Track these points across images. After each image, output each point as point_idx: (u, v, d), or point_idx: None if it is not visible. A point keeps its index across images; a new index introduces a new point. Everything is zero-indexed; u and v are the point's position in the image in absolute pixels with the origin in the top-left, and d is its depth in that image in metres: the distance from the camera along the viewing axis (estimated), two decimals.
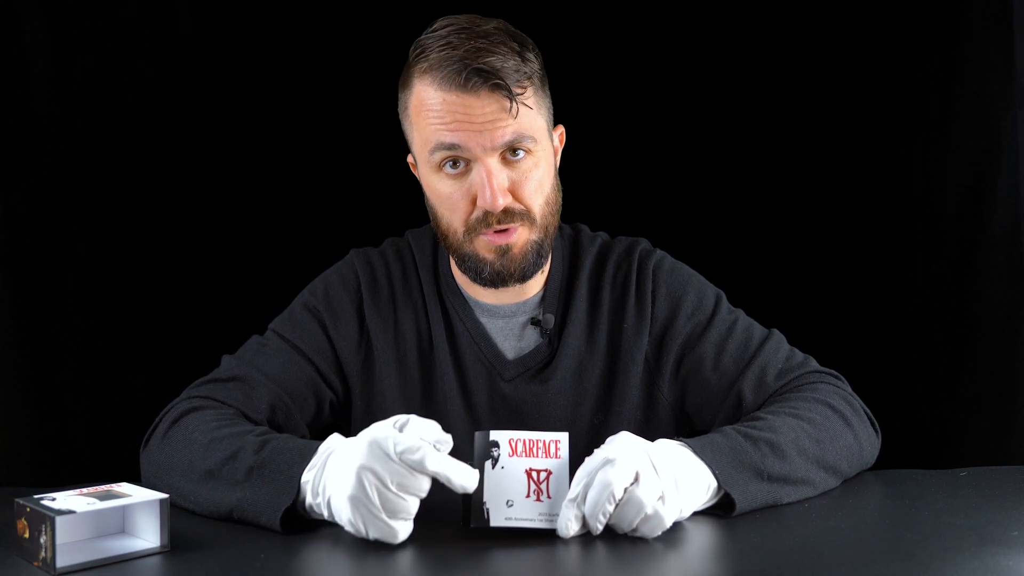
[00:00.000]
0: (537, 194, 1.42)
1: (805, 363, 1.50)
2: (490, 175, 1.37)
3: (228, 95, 2.19)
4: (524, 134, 1.38)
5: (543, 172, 1.42)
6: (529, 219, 1.41)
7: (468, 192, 1.40)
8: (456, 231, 1.43)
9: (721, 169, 2.23)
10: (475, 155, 1.37)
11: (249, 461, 1.25)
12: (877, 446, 1.47)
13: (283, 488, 1.20)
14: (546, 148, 1.44)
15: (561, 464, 1.18)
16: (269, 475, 1.22)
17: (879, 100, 2.14)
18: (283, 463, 1.23)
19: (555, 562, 1.10)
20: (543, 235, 1.44)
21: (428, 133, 1.39)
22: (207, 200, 2.19)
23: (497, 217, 1.39)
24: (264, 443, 1.26)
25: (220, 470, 1.26)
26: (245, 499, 1.23)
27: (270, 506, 1.20)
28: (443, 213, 1.44)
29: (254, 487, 1.23)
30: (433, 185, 1.43)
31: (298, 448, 1.24)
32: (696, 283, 1.57)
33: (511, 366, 1.53)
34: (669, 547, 1.14)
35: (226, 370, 1.49)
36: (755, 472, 1.26)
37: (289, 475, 1.21)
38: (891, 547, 1.12)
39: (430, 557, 1.12)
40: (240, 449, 1.27)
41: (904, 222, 2.12)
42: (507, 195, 1.38)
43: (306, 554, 1.15)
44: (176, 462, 1.32)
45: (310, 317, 1.54)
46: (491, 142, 1.36)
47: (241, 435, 1.30)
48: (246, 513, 1.23)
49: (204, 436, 1.31)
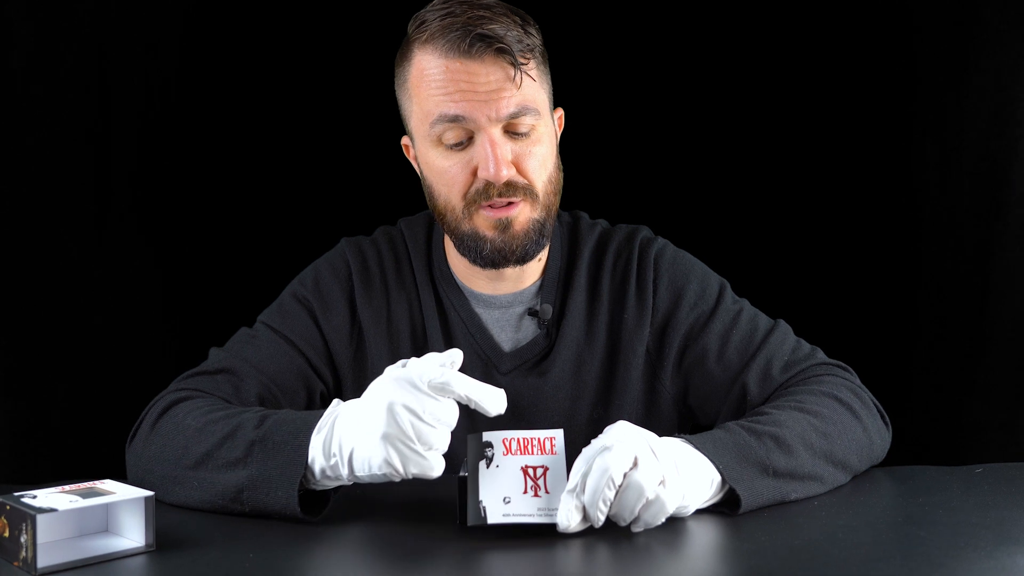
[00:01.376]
0: (540, 170, 1.42)
1: (812, 355, 1.50)
2: (494, 145, 1.37)
3: (217, 80, 2.18)
4: (528, 105, 1.39)
5: (546, 148, 1.43)
6: (532, 195, 1.42)
7: (468, 164, 1.40)
8: (455, 207, 1.43)
9: (726, 154, 2.22)
10: (479, 125, 1.37)
11: (250, 436, 1.23)
12: (888, 440, 1.47)
13: (292, 457, 1.19)
14: (548, 125, 1.45)
15: (557, 459, 1.18)
16: (274, 447, 1.21)
17: (892, 86, 2.14)
18: (287, 433, 1.21)
19: (555, 562, 1.09)
20: (545, 214, 1.44)
21: (429, 105, 1.39)
22: (194, 188, 2.18)
23: (499, 190, 1.39)
24: (264, 417, 1.26)
25: (218, 450, 1.25)
26: (252, 476, 1.21)
27: (282, 479, 1.19)
28: (441, 189, 1.44)
29: (259, 462, 1.21)
30: (431, 161, 1.43)
31: (301, 417, 1.23)
32: (699, 272, 1.57)
33: (507, 358, 1.53)
34: (672, 547, 1.14)
35: (214, 362, 1.48)
36: (760, 468, 1.25)
37: (296, 444, 1.20)
38: (904, 546, 1.11)
39: (427, 557, 1.11)
40: (238, 426, 1.26)
41: (918, 211, 2.12)
42: (511, 167, 1.39)
43: (298, 553, 1.13)
44: (168, 451, 1.30)
45: (300, 308, 1.54)
46: (495, 112, 1.37)
47: (237, 414, 1.29)
48: (258, 491, 1.21)
49: (197, 421, 1.30)
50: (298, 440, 1.20)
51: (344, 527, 1.20)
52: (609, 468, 1.12)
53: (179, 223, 2.17)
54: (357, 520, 1.21)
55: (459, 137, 1.39)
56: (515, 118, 1.39)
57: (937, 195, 2.10)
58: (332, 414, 1.20)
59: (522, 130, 1.40)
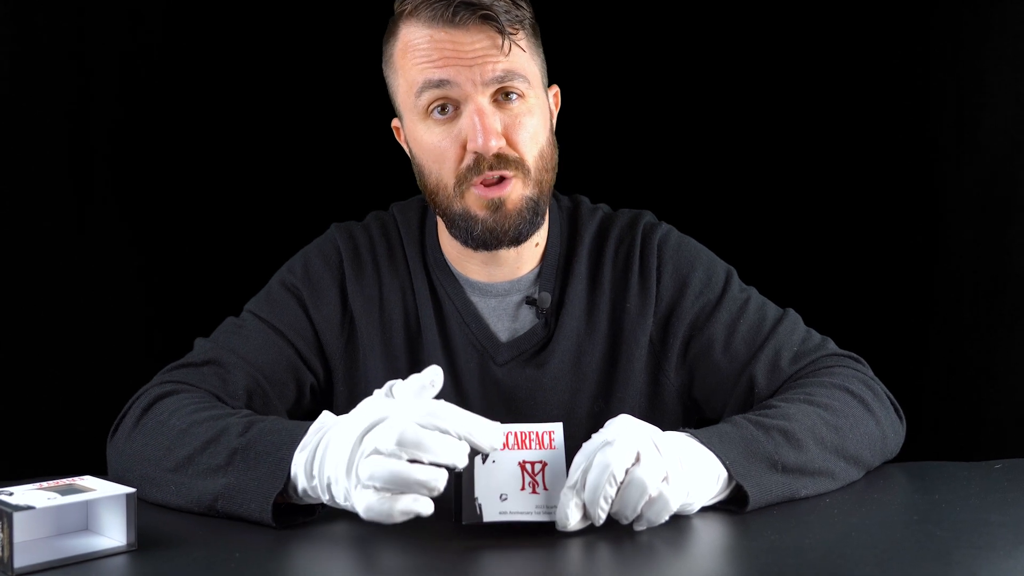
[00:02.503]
0: (531, 143, 1.42)
1: (822, 345, 1.50)
2: (482, 114, 1.37)
3: (201, 59, 2.18)
4: (516, 72, 1.39)
5: (537, 121, 1.43)
6: (523, 170, 1.41)
7: (457, 138, 1.40)
8: (446, 185, 1.43)
9: (733, 136, 2.22)
10: (465, 93, 1.38)
11: (232, 443, 1.22)
12: (902, 434, 1.46)
13: (272, 471, 1.18)
14: (540, 98, 1.45)
15: (556, 455, 1.17)
16: (255, 457, 1.20)
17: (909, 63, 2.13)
18: (270, 444, 1.20)
19: (555, 563, 1.09)
20: (538, 191, 1.44)
21: (414, 74, 1.40)
22: (178, 172, 2.17)
23: (489, 163, 1.39)
24: (250, 424, 1.25)
25: (200, 455, 1.24)
26: (230, 486, 1.20)
27: (259, 492, 1.18)
28: (431, 167, 1.44)
29: (239, 472, 1.20)
30: (420, 137, 1.43)
31: (287, 428, 1.22)
32: (705, 259, 1.57)
33: (504, 349, 1.52)
34: (676, 546, 1.13)
35: (200, 353, 1.48)
36: (769, 463, 1.25)
37: (278, 457, 1.18)
38: (919, 545, 1.11)
39: (421, 558, 1.10)
40: (223, 431, 1.24)
41: (934, 195, 2.12)
42: (500, 138, 1.39)
43: (285, 553, 1.13)
44: (150, 450, 1.30)
45: (288, 296, 1.53)
46: (481, 76, 1.37)
47: (223, 417, 1.28)
48: (232, 502, 1.20)
49: (182, 421, 1.29)
50: (280, 453, 1.18)
51: (334, 525, 1.20)
52: (610, 464, 1.11)
53: (163, 208, 2.17)
54: (348, 518, 1.19)
55: (446, 109, 1.40)
56: (503, 83, 1.39)
57: (954, 178, 2.10)
58: (319, 431, 1.18)
59: (512, 98, 1.40)
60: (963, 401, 2.06)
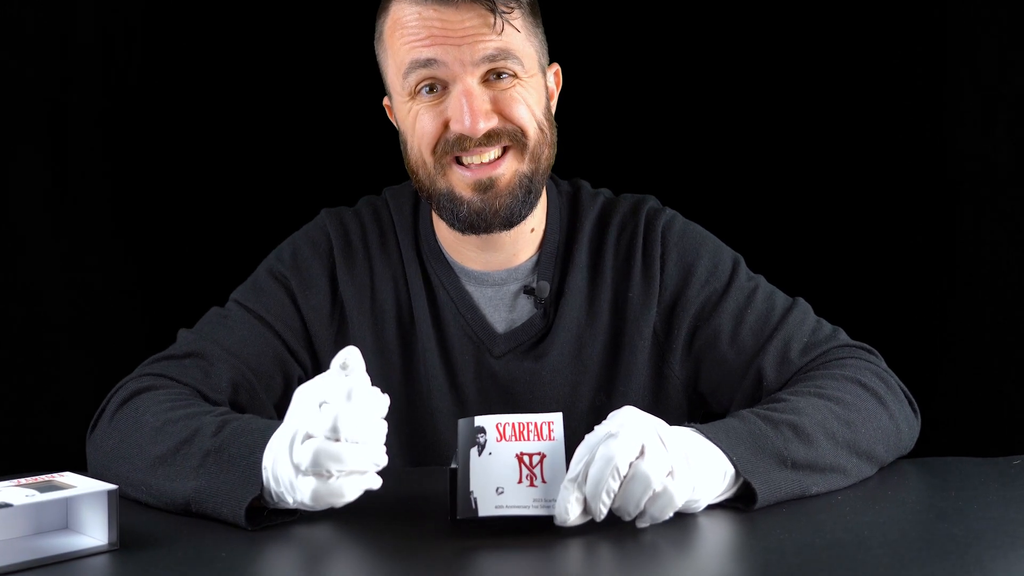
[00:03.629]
0: (528, 115, 1.42)
1: (834, 336, 1.49)
2: (470, 95, 1.38)
3: (187, 35, 2.18)
4: (509, 52, 1.39)
5: (533, 97, 1.43)
6: (519, 142, 1.42)
7: (441, 116, 1.41)
8: (425, 163, 1.43)
9: (739, 118, 2.21)
10: (453, 73, 1.38)
11: (206, 444, 1.22)
12: (917, 429, 1.46)
13: (245, 476, 1.18)
14: (537, 81, 1.45)
15: (555, 446, 1.16)
16: (228, 460, 1.20)
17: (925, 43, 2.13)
18: (244, 446, 1.20)
19: (555, 563, 1.08)
20: (533, 168, 1.44)
21: (402, 54, 1.40)
22: (162, 157, 2.17)
23: (476, 141, 1.39)
24: (223, 424, 1.24)
25: (173, 456, 1.24)
26: (202, 489, 1.20)
27: (232, 497, 1.18)
28: (413, 143, 1.45)
29: (211, 475, 1.20)
30: (406, 116, 1.44)
31: (260, 430, 1.21)
32: (711, 246, 1.57)
33: (501, 340, 1.52)
34: (681, 546, 1.13)
35: (182, 345, 1.47)
36: (777, 459, 1.24)
37: (251, 461, 1.18)
38: (936, 545, 1.10)
39: (414, 556, 1.10)
40: (196, 432, 1.24)
41: (952, 178, 2.11)
42: (490, 118, 1.39)
43: (273, 552, 1.12)
44: (124, 449, 1.30)
45: (276, 284, 1.53)
46: (470, 56, 1.37)
47: (197, 416, 1.28)
48: (205, 506, 1.20)
49: (156, 419, 1.29)
50: (254, 457, 1.18)
51: (325, 523, 1.19)
52: (614, 457, 1.10)
53: (146, 196, 2.17)
54: (338, 514, 1.19)
55: (435, 88, 1.39)
56: (494, 63, 1.38)
57: (974, 162, 2.09)
58: None
59: (503, 77, 1.40)
60: (981, 394, 2.07)
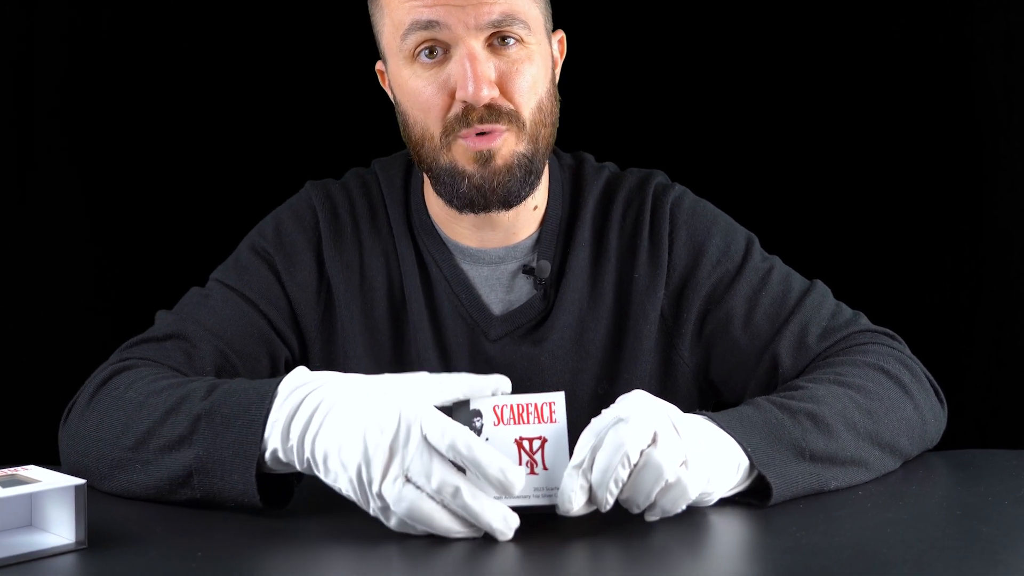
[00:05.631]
0: (529, 94, 1.41)
1: (854, 321, 1.49)
2: (473, 59, 1.36)
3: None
4: (515, 16, 1.38)
5: (538, 70, 1.42)
6: (517, 123, 1.41)
7: (445, 85, 1.39)
8: (432, 136, 1.42)
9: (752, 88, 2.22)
10: (456, 36, 1.37)
11: (195, 408, 1.20)
12: (943, 420, 1.45)
13: (244, 434, 1.15)
14: (543, 46, 1.44)
15: (558, 429, 1.15)
16: (223, 422, 1.17)
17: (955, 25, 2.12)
18: (237, 405, 1.17)
19: (560, 563, 1.07)
20: (533, 147, 1.43)
21: (401, 14, 1.39)
22: (133, 130, 2.16)
23: (479, 114, 1.38)
24: (213, 387, 1.23)
25: (161, 427, 1.22)
26: (201, 458, 1.18)
27: (236, 459, 1.15)
28: (416, 115, 1.43)
29: (206, 440, 1.18)
30: (405, 82, 1.42)
31: (254, 387, 1.19)
32: (723, 224, 1.56)
33: (498, 323, 1.52)
34: (693, 545, 1.12)
35: (162, 327, 1.47)
36: (795, 450, 1.23)
37: (248, 418, 1.16)
38: (963, 544, 1.09)
39: (406, 556, 1.09)
40: (184, 398, 1.22)
41: (980, 153, 2.12)
42: (493, 87, 1.38)
43: (256, 552, 1.11)
44: (105, 430, 1.27)
45: (259, 261, 1.53)
46: (475, 19, 1.36)
47: (186, 383, 1.26)
48: (209, 476, 1.17)
49: (139, 393, 1.27)
50: (250, 415, 1.16)
51: (312, 519, 1.19)
52: (624, 443, 1.09)
53: (118, 171, 2.16)
54: (327, 511, 1.19)
55: (435, 52, 1.39)
56: (499, 27, 1.38)
57: (1003, 136, 2.09)
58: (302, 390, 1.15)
59: (509, 44, 1.39)
60: (1011, 382, 2.08)
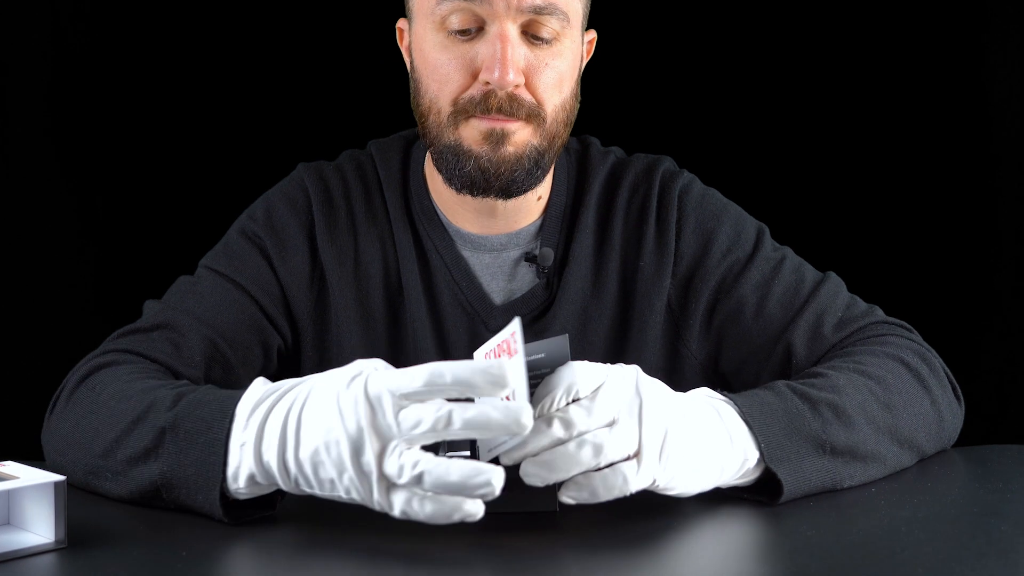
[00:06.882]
0: (554, 91, 1.41)
1: (870, 312, 1.49)
2: (505, 41, 1.36)
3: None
4: (557, 6, 1.38)
5: (567, 67, 1.42)
6: (537, 119, 1.40)
7: (471, 63, 1.39)
8: (440, 110, 1.41)
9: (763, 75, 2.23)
10: (495, 12, 1.36)
11: (160, 421, 1.17)
12: (960, 418, 1.44)
13: (207, 454, 1.12)
14: (575, 42, 1.44)
15: (516, 360, 1.03)
16: (186, 437, 1.14)
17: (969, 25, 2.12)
18: (199, 420, 1.14)
19: (559, 563, 1.07)
20: (547, 144, 1.43)
21: None
22: (121, 111, 2.16)
23: (499, 103, 1.37)
24: (179, 396, 1.19)
25: (127, 437, 1.20)
26: (166, 474, 1.16)
27: (200, 479, 1.13)
28: (430, 85, 1.42)
29: (171, 456, 1.15)
30: (426, 49, 1.42)
31: (217, 400, 1.15)
32: (733, 213, 1.57)
33: (499, 312, 1.52)
34: (699, 544, 1.11)
35: (150, 317, 1.46)
36: (815, 444, 1.21)
37: (210, 437, 1.12)
38: (981, 542, 1.09)
39: (396, 555, 1.08)
40: (150, 407, 1.20)
41: (991, 143, 2.12)
42: (520, 75, 1.38)
43: (242, 552, 1.11)
44: (79, 433, 1.26)
45: (250, 246, 1.52)
46: (518, 1, 1.35)
47: (153, 390, 1.23)
48: (176, 493, 1.15)
49: (111, 396, 1.26)
50: (212, 432, 1.12)
51: (300, 516, 1.18)
52: (576, 382, 1.05)
53: (105, 153, 2.16)
54: (314, 510, 1.18)
55: (466, 23, 1.38)
56: (539, 14, 1.37)
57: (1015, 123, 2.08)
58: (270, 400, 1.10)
59: (544, 35, 1.39)
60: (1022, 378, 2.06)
